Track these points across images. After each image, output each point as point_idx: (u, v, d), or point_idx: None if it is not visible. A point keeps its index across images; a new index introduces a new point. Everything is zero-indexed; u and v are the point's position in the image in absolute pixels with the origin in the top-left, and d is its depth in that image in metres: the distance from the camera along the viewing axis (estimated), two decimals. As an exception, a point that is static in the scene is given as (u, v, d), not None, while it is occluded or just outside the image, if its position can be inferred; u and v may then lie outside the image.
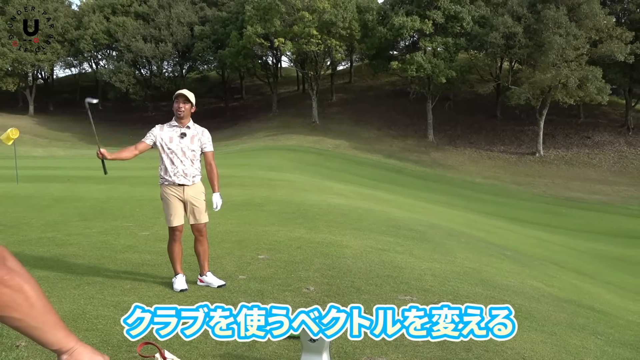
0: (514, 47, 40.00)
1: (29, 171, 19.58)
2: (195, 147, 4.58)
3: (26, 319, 1.05)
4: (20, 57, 54.41)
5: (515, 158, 40.67)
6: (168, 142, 4.50)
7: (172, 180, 4.49)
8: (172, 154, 4.49)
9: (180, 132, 4.54)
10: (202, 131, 4.66)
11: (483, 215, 18.20)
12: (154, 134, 4.56)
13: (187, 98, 4.48)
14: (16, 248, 5.94)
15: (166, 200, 4.54)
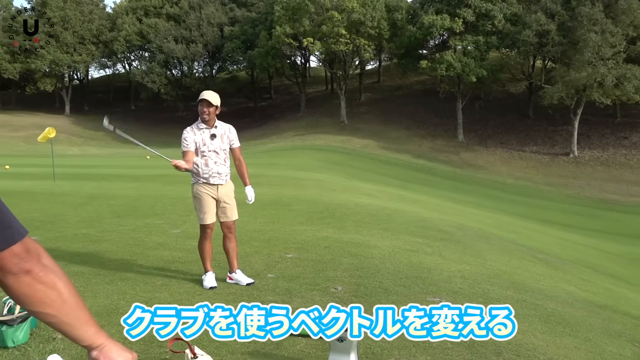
0: (547, 45, 39.06)
1: (65, 169, 20.16)
2: (225, 146, 4.66)
3: (59, 315, 1.09)
4: (57, 58, 56.10)
5: (548, 159, 39.74)
6: (201, 144, 4.55)
7: (206, 180, 4.56)
8: (206, 155, 4.55)
9: (210, 133, 4.59)
10: (228, 128, 4.72)
11: (514, 216, 17.85)
12: (190, 139, 4.56)
13: (210, 102, 4.51)
14: (53, 244, 6.12)
15: (200, 199, 4.59)
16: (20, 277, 1.03)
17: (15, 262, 1.02)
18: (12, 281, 1.03)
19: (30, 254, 1.05)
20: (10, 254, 1.01)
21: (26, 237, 1.04)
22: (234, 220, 4.74)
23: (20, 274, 1.03)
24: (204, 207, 4.58)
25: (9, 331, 3.18)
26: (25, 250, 1.04)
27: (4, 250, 1.00)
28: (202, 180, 4.57)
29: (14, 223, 1.03)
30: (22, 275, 1.03)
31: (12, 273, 1.02)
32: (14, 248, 1.02)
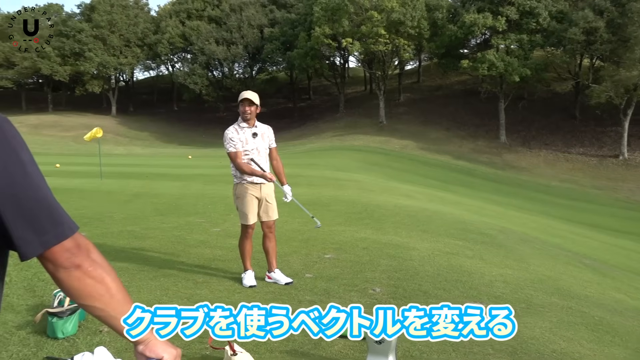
0: (595, 43, 37.64)
1: (111, 168, 20.84)
2: (266, 145, 4.71)
3: (107, 309, 1.13)
4: (104, 61, 58.13)
5: (596, 161, 38.29)
6: (244, 143, 4.59)
7: (250, 180, 4.59)
8: (249, 154, 4.59)
9: (252, 132, 4.64)
10: (267, 128, 4.77)
11: (559, 220, 17.29)
12: (237, 139, 4.59)
13: (251, 101, 4.56)
14: (100, 240, 6.34)
15: (243, 199, 4.61)
16: (70, 271, 1.07)
17: (66, 257, 1.06)
18: (64, 275, 1.07)
19: (80, 249, 1.09)
20: (62, 249, 1.05)
21: (77, 233, 1.08)
22: (275, 220, 4.77)
23: (71, 268, 1.07)
24: (247, 207, 4.60)
25: (59, 323, 3.31)
26: (75, 245, 1.08)
27: (56, 245, 1.04)
28: (246, 181, 4.60)
29: (66, 219, 1.07)
30: (73, 270, 1.08)
31: (64, 267, 1.07)
32: (66, 243, 1.06)
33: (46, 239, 1.03)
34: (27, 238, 1.01)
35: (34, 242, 1.02)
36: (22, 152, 1.01)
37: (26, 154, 1.02)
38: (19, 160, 1.00)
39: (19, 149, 1.01)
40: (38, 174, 1.04)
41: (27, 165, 1.01)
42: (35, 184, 1.02)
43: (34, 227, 1.01)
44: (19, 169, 0.99)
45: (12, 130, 1.01)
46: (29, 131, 49.38)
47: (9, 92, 69.26)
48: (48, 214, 1.03)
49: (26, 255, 1.02)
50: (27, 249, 1.02)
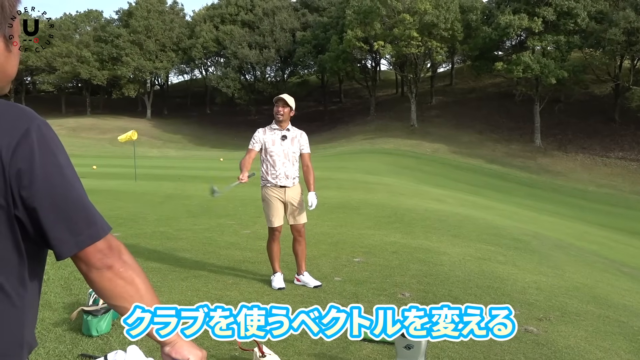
0: (636, 44, 36.41)
1: (145, 170, 21.32)
2: (295, 149, 4.71)
3: None
4: (140, 65, 59.59)
5: (636, 165, 36.98)
6: (271, 145, 4.62)
7: (274, 182, 4.62)
8: (274, 156, 4.61)
9: (282, 134, 4.66)
10: (300, 133, 4.78)
11: (596, 226, 16.77)
12: (258, 138, 4.69)
13: (286, 102, 4.61)
14: (134, 240, 6.49)
15: (267, 202, 4.66)
16: (102, 271, 1.10)
17: (98, 258, 1.09)
18: (95, 275, 1.10)
19: (112, 251, 1.11)
20: (95, 250, 1.08)
21: (109, 234, 1.11)
22: (304, 224, 4.78)
23: (102, 269, 1.10)
24: (271, 210, 4.64)
25: (93, 321, 3.40)
26: (108, 246, 1.11)
27: (89, 246, 1.07)
28: (270, 183, 4.63)
29: (99, 220, 1.10)
30: (105, 270, 1.10)
31: (96, 268, 1.10)
32: (98, 244, 1.09)
33: (81, 239, 1.06)
34: (63, 238, 1.04)
35: (69, 242, 1.05)
36: (59, 155, 1.05)
37: (63, 157, 1.06)
38: (56, 163, 1.03)
39: (57, 151, 1.04)
40: (74, 176, 1.07)
41: (64, 168, 1.05)
42: (71, 186, 1.05)
43: (69, 227, 1.04)
44: (56, 171, 1.03)
45: (51, 133, 1.05)
46: (67, 133, 51.02)
47: (50, 95, 71.85)
48: (83, 215, 1.06)
49: (62, 255, 1.05)
50: (63, 248, 1.05)
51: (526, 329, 3.77)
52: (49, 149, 1.03)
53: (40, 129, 1.03)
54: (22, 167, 0.99)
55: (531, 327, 3.81)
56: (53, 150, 1.03)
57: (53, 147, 1.04)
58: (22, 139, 0.99)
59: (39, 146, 1.01)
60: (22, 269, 1.05)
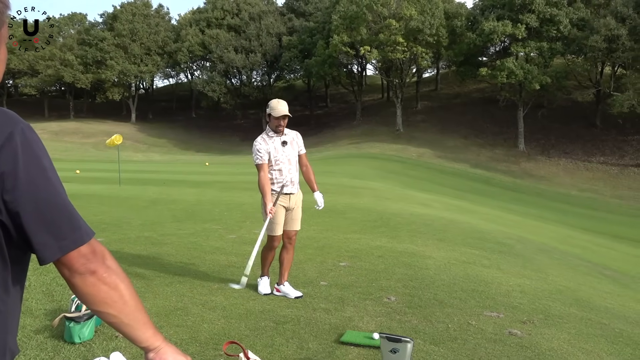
0: (617, 51, 37.13)
1: (130, 174, 21.11)
2: (296, 153, 4.59)
3: (120, 315, 1.13)
4: (125, 69, 59.11)
5: (617, 170, 37.62)
6: (275, 153, 4.44)
7: (281, 189, 4.46)
8: (280, 164, 4.46)
9: (282, 140, 4.50)
10: (295, 134, 4.64)
11: (579, 230, 17.01)
12: (264, 150, 4.43)
13: (288, 116, 4.44)
14: (117, 246, 6.41)
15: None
16: (86, 276, 1.09)
17: (82, 263, 1.08)
18: (78, 280, 1.09)
19: (96, 255, 1.10)
20: (78, 255, 1.07)
21: (93, 239, 1.10)
22: (297, 231, 4.65)
23: (86, 274, 1.09)
24: (276, 218, 4.46)
25: (75, 327, 3.35)
26: (91, 251, 1.09)
27: (72, 250, 1.06)
28: (276, 191, 4.45)
29: (83, 225, 1.09)
30: (88, 276, 1.09)
31: (79, 273, 1.08)
32: (82, 249, 1.07)
33: (64, 244, 1.05)
34: (47, 242, 1.03)
35: (53, 246, 1.03)
36: (43, 159, 1.04)
37: (47, 161, 1.05)
38: (41, 166, 1.02)
39: (41, 155, 1.03)
40: (57, 180, 1.06)
41: (48, 171, 1.04)
42: (55, 190, 1.04)
43: (53, 232, 1.03)
44: (40, 175, 1.02)
45: (35, 137, 1.04)
46: (50, 137, 50.34)
47: (32, 99, 70.90)
48: (67, 220, 1.05)
49: (45, 260, 1.04)
50: (46, 253, 1.03)
51: (510, 331, 3.80)
52: (32, 153, 1.02)
53: (24, 132, 1.02)
54: (5, 171, 0.97)
55: (515, 330, 3.85)
56: (37, 153, 1.02)
57: (37, 151, 1.03)
58: (5, 142, 0.98)
59: (22, 150, 1.00)
60: (5, 274, 1.04)
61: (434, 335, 3.68)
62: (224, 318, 3.93)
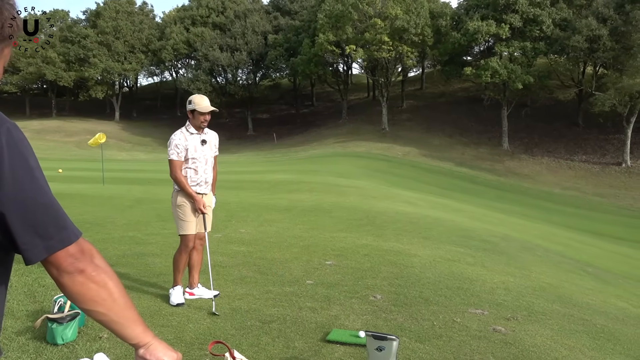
0: (598, 51, 37.68)
1: (114, 173, 20.89)
2: (213, 153, 4.47)
3: (109, 314, 1.13)
4: (109, 67, 58.41)
5: (599, 168, 38.22)
6: (193, 151, 4.31)
7: (194, 189, 4.32)
8: (196, 162, 4.33)
9: (201, 139, 4.38)
10: (214, 135, 4.54)
11: (561, 228, 17.24)
12: (182, 147, 4.29)
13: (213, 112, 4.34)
14: (101, 245, 6.35)
15: (184, 208, 4.32)
16: (74, 276, 1.08)
17: (70, 262, 1.07)
18: (67, 280, 1.08)
19: (84, 254, 1.10)
20: (66, 254, 1.06)
21: (80, 238, 1.10)
22: (208, 232, 4.52)
23: (74, 273, 1.08)
24: (188, 217, 4.30)
25: (58, 329, 3.31)
26: (79, 250, 1.09)
27: (60, 250, 1.05)
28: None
29: (70, 225, 1.08)
30: (76, 275, 1.08)
31: (67, 272, 1.08)
32: (70, 248, 1.07)
33: (51, 243, 1.04)
34: (33, 242, 1.02)
35: (38, 246, 1.03)
36: (30, 158, 1.03)
37: (33, 160, 1.04)
38: (27, 166, 1.01)
39: (27, 154, 1.03)
40: (43, 180, 1.05)
41: (35, 170, 1.03)
42: (42, 189, 1.03)
43: (39, 231, 1.02)
44: (27, 174, 1.01)
45: (21, 135, 1.03)
46: (32, 136, 49.56)
47: (13, 97, 69.68)
48: (53, 219, 1.05)
49: (31, 260, 1.03)
50: (32, 253, 1.03)
51: (494, 328, 3.84)
52: (19, 152, 1.01)
53: (10, 131, 1.01)
54: None
55: (499, 326, 3.89)
56: (23, 153, 1.01)
57: (23, 150, 1.02)
58: None
59: (8, 149, 0.99)
60: None
61: (420, 332, 3.70)
62: (210, 317, 3.92)
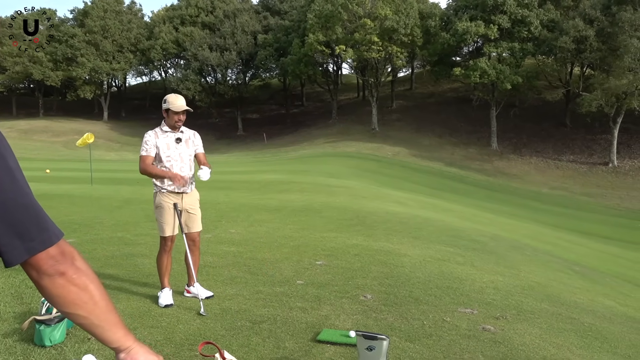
0: (585, 52, 38.10)
1: (102, 174, 20.72)
2: (191, 152, 4.42)
3: (90, 317, 1.11)
4: (97, 66, 57.93)
5: (586, 168, 38.63)
6: (165, 149, 4.28)
7: (172, 189, 4.28)
8: (171, 160, 4.28)
9: (175, 137, 4.34)
10: (193, 134, 4.49)
11: (550, 227, 17.39)
12: (152, 144, 4.27)
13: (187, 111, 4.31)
14: (89, 246, 6.29)
15: (162, 209, 4.29)
16: (54, 278, 1.06)
17: (50, 264, 1.05)
18: (47, 282, 1.06)
19: (65, 257, 1.08)
20: (47, 256, 1.05)
21: (61, 240, 1.08)
22: (199, 232, 4.51)
23: (54, 276, 1.06)
24: (165, 218, 4.28)
25: (46, 330, 3.27)
26: (60, 252, 1.07)
27: (40, 252, 1.03)
28: (166, 189, 4.28)
29: (51, 226, 1.06)
30: (57, 277, 1.06)
31: (47, 274, 1.06)
32: (50, 250, 1.05)
33: (32, 245, 1.02)
34: (13, 244, 1.00)
35: (19, 248, 1.01)
36: (9, 158, 1.01)
37: (13, 160, 1.02)
38: (6, 166, 0.99)
39: (6, 155, 1.01)
40: (24, 181, 1.03)
41: (15, 171, 1.01)
42: (22, 190, 1.01)
43: (19, 233, 1.00)
44: (6, 175, 0.99)
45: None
46: (19, 136, 49.02)
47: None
48: (34, 221, 1.03)
49: (11, 262, 1.01)
50: (12, 255, 1.01)
51: (484, 327, 3.87)
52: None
53: None
54: None
55: (489, 325, 3.91)
56: (2, 153, 1.00)
57: (2, 151, 1.00)
58: None
59: None
60: None
61: (410, 332, 3.71)
62: (200, 318, 3.90)
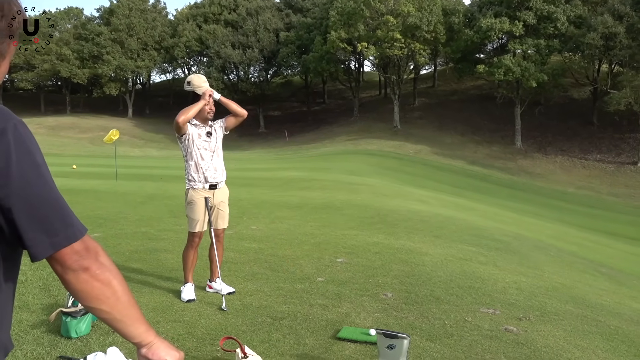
0: (614, 49, 37.17)
1: (127, 170, 21.05)
2: (220, 144, 4.42)
3: (112, 312, 1.13)
4: (122, 64, 58.88)
5: (614, 168, 37.74)
6: (197, 138, 4.26)
7: (203, 185, 4.29)
8: (201, 149, 4.27)
9: (206, 131, 4.34)
10: (220, 121, 4.51)
11: (575, 227, 17.06)
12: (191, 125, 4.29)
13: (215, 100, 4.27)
14: (114, 241, 6.40)
15: (193, 205, 4.28)
16: (78, 273, 1.08)
17: (75, 259, 1.07)
18: (71, 277, 1.09)
19: (89, 252, 1.10)
20: (71, 251, 1.07)
21: (86, 236, 1.10)
22: (224, 229, 4.52)
23: (78, 271, 1.08)
24: (196, 214, 4.28)
25: (72, 322, 3.35)
26: (84, 248, 1.09)
27: (65, 247, 1.06)
28: (199, 186, 4.29)
29: (75, 222, 1.08)
30: (81, 272, 1.09)
31: (72, 269, 1.08)
32: (75, 245, 1.07)
33: (57, 240, 1.04)
34: (39, 239, 1.02)
35: (44, 242, 1.03)
36: (36, 154, 1.03)
37: (40, 156, 1.05)
38: (34, 162, 1.02)
39: (33, 151, 1.03)
40: (49, 176, 1.06)
41: (41, 167, 1.03)
42: (48, 186, 1.04)
43: (45, 228, 1.02)
44: (33, 171, 1.01)
45: (27, 132, 1.04)
46: (47, 132, 50.14)
47: (28, 94, 70.58)
48: (60, 216, 1.05)
49: (37, 256, 1.04)
50: (38, 249, 1.03)
51: (506, 328, 3.82)
52: (25, 149, 1.01)
53: (16, 128, 1.01)
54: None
55: (511, 326, 3.86)
56: (30, 149, 1.02)
57: (30, 147, 1.02)
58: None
59: (15, 145, 0.99)
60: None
61: (431, 331, 3.69)
62: (221, 313, 3.94)
